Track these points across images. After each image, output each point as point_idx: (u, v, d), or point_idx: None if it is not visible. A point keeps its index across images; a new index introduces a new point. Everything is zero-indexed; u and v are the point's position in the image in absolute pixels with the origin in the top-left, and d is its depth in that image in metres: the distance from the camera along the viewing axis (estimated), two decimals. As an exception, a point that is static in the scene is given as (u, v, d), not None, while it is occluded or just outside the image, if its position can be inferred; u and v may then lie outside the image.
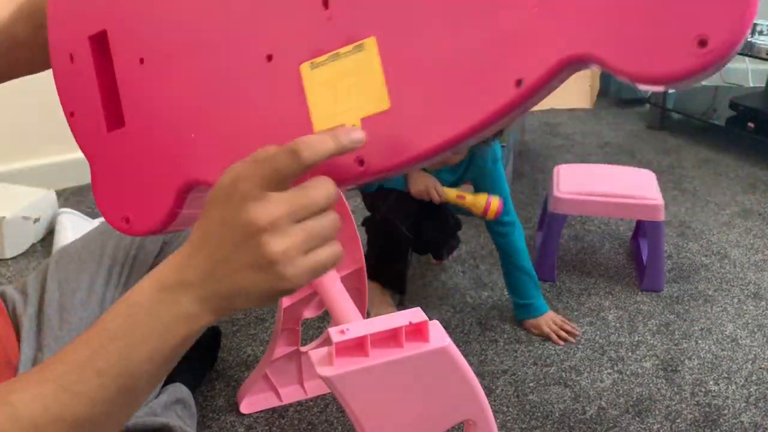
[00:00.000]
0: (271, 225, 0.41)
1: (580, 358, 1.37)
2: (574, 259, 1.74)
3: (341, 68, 0.46)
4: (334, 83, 0.46)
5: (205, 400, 1.24)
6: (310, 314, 1.16)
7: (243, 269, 0.42)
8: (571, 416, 1.21)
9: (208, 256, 0.43)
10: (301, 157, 0.41)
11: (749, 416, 1.21)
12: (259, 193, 0.41)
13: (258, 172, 0.42)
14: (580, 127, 2.77)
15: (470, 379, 0.69)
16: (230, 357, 1.36)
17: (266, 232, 0.41)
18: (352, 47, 0.45)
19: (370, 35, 0.45)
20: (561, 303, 1.55)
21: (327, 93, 0.46)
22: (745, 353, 1.38)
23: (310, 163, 0.42)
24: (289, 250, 0.42)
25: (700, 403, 1.24)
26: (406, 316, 0.67)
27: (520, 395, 1.27)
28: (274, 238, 0.41)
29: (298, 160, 0.41)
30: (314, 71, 0.47)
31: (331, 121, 0.46)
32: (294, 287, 0.43)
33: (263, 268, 0.42)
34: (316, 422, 1.20)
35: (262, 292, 0.43)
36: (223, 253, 0.43)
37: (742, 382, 1.30)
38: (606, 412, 1.22)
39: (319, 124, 0.47)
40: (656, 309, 1.53)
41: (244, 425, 1.19)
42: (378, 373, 0.65)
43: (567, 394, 1.27)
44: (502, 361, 1.36)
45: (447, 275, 1.66)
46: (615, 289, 1.60)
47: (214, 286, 0.43)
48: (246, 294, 0.43)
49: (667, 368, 1.34)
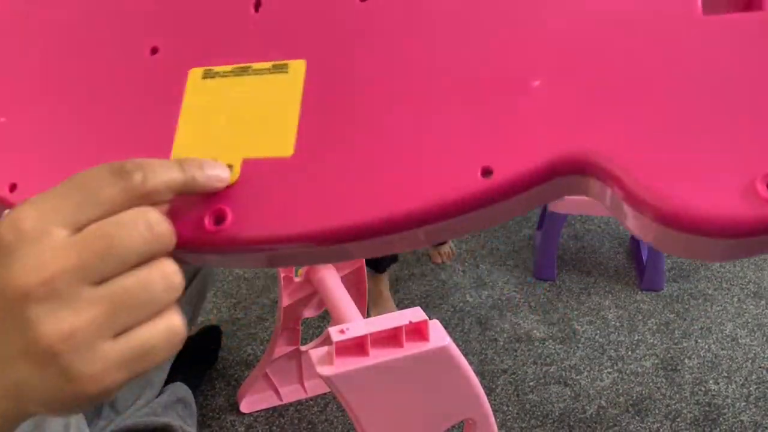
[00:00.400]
0: (46, 286, 0.25)
1: (580, 357, 1.37)
2: (574, 258, 1.74)
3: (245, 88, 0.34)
4: (227, 102, 0.34)
5: (205, 400, 1.24)
6: (310, 314, 1.16)
7: (14, 359, 0.26)
8: (571, 415, 1.21)
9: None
10: (130, 178, 0.27)
11: (749, 415, 1.21)
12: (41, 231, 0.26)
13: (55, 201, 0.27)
14: (580, 126, 2.77)
15: (470, 378, 0.69)
16: (230, 356, 1.36)
17: (37, 299, 0.25)
18: (271, 65, 0.35)
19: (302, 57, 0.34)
20: (561, 302, 1.55)
21: (210, 112, 0.34)
22: (744, 352, 1.38)
23: (146, 190, 0.27)
24: (77, 331, 0.25)
25: (699, 402, 1.24)
26: (406, 315, 0.67)
27: (520, 394, 1.27)
28: (50, 310, 0.25)
29: (122, 183, 0.27)
30: (206, 81, 0.35)
31: (198, 150, 0.33)
32: (95, 393, 0.26)
33: (40, 360, 0.25)
34: (316, 421, 1.20)
35: (48, 396, 0.26)
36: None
37: (741, 381, 1.30)
38: (606, 411, 1.22)
39: (179, 150, 0.34)
40: (656, 308, 1.53)
41: (244, 424, 1.19)
42: (378, 373, 0.65)
43: (567, 393, 1.27)
44: (502, 360, 1.36)
45: (447, 274, 1.66)
46: (615, 288, 1.60)
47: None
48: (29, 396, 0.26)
49: (667, 367, 1.34)
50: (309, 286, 1.12)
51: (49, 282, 0.25)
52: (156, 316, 0.27)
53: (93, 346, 0.26)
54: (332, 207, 0.30)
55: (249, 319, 1.48)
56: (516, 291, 1.58)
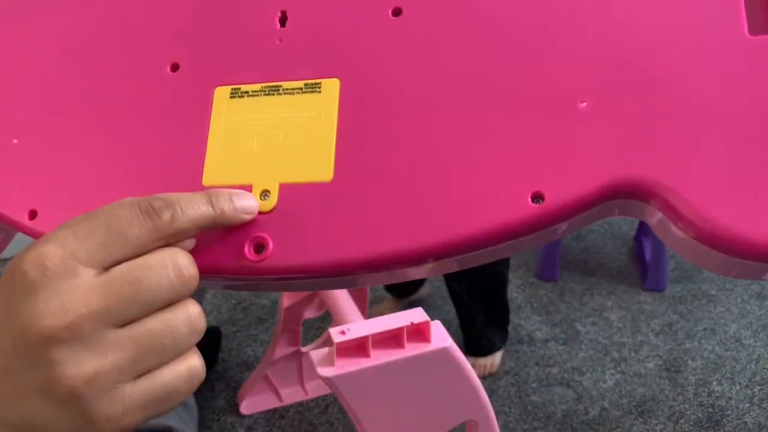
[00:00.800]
0: (70, 329, 0.25)
1: (582, 358, 1.36)
2: (576, 258, 1.73)
3: (277, 109, 0.33)
4: (258, 123, 0.33)
5: (205, 401, 1.24)
6: (311, 315, 1.16)
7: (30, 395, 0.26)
8: (573, 417, 1.20)
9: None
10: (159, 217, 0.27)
11: (753, 417, 1.21)
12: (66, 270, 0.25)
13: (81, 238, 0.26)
14: (582, 126, 2.77)
15: (472, 379, 0.69)
16: (230, 358, 1.36)
17: (61, 341, 0.25)
18: (303, 84, 0.33)
19: (334, 75, 0.33)
20: (564, 303, 1.54)
21: (241, 134, 0.33)
22: (748, 353, 1.38)
23: (174, 229, 0.27)
24: (100, 375, 0.25)
25: (703, 404, 1.24)
26: (407, 316, 0.67)
27: (522, 396, 1.26)
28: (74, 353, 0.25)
29: (150, 222, 0.26)
30: (233, 101, 0.33)
31: (231, 175, 0.32)
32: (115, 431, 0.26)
33: (59, 400, 0.25)
34: (316, 423, 1.19)
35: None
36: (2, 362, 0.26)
37: (745, 382, 1.29)
38: (609, 412, 1.22)
39: (211, 177, 0.32)
40: (659, 309, 1.52)
41: (244, 426, 1.19)
42: (379, 374, 0.64)
43: (569, 394, 1.26)
44: (504, 361, 1.35)
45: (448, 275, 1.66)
46: (618, 289, 1.60)
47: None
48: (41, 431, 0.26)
49: (670, 368, 1.33)
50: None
51: (73, 325, 0.25)
52: (178, 358, 0.27)
53: (114, 388, 0.25)
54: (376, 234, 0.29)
55: (249, 321, 1.48)
56: (519, 292, 1.58)
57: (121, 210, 0.27)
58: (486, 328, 1.30)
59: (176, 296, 0.27)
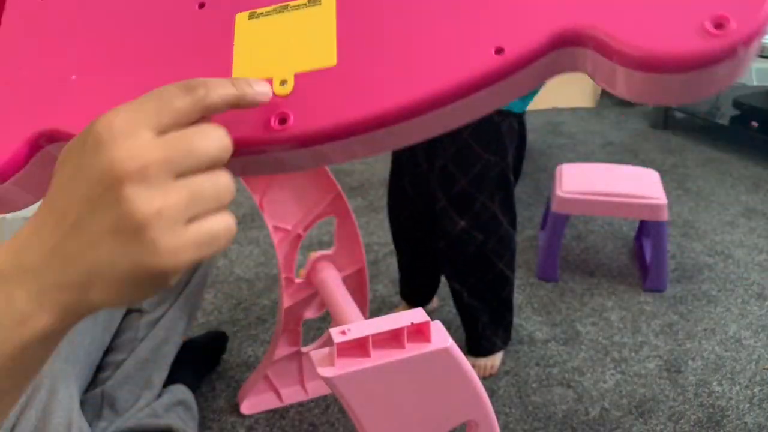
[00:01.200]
0: (140, 172, 0.30)
1: (583, 358, 1.36)
2: (577, 259, 1.73)
3: (286, 21, 0.41)
4: (273, 35, 0.41)
5: (205, 401, 1.24)
6: (311, 315, 1.16)
7: (100, 238, 0.30)
8: (573, 417, 1.20)
9: (54, 227, 0.31)
10: (196, 92, 0.33)
11: (753, 417, 1.21)
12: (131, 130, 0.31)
13: (138, 108, 0.32)
14: (583, 126, 2.76)
15: (472, 379, 0.69)
16: (231, 358, 1.36)
17: (132, 181, 0.30)
18: (305, 0, 0.42)
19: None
20: (564, 303, 1.54)
21: (260, 43, 0.41)
22: (749, 354, 1.38)
23: (208, 103, 0.33)
24: (165, 210, 0.30)
25: (703, 404, 1.24)
26: (407, 316, 0.67)
27: (522, 396, 1.26)
28: (144, 190, 0.30)
29: (189, 96, 0.33)
30: (251, 22, 0.42)
31: (254, 72, 0.40)
32: (171, 268, 0.31)
33: (129, 234, 0.30)
34: (317, 423, 1.19)
35: (126, 274, 0.31)
36: (72, 217, 0.31)
37: (746, 382, 1.29)
38: (609, 413, 1.22)
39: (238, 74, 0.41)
40: (659, 309, 1.52)
41: (245, 426, 1.19)
42: (379, 374, 0.65)
43: (570, 395, 1.26)
44: (505, 361, 1.35)
45: (449, 275, 1.66)
46: (618, 289, 1.60)
47: (60, 269, 0.31)
48: (103, 279, 0.31)
49: (671, 369, 1.33)
50: (310, 287, 1.12)
51: (143, 168, 0.30)
52: (219, 212, 0.33)
53: (175, 225, 0.31)
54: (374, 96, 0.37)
55: (249, 321, 1.48)
56: (519, 292, 1.58)
57: (167, 88, 0.33)
58: (488, 329, 1.30)
59: (219, 159, 0.33)
